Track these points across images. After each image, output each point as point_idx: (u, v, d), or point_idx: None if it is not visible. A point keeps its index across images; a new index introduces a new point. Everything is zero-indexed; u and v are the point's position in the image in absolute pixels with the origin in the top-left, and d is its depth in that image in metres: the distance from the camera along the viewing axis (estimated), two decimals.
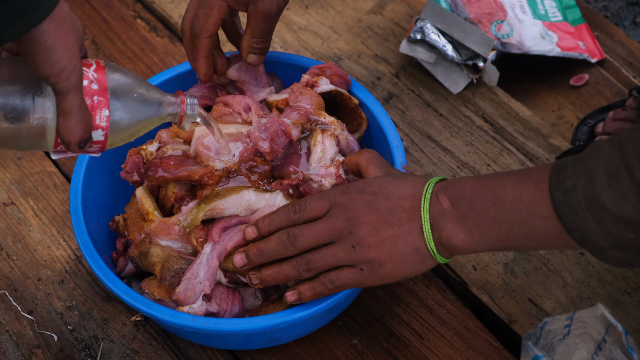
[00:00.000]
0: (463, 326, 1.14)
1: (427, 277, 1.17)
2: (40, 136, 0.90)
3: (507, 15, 1.40)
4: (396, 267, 0.96)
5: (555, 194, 0.87)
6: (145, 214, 1.08)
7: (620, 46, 1.42)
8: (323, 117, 1.11)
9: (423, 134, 1.32)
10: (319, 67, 1.17)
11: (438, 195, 0.94)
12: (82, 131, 0.89)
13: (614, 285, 1.16)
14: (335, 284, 0.98)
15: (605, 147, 0.85)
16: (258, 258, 1.00)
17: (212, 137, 1.08)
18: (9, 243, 1.22)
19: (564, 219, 0.87)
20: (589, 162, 0.85)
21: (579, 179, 0.85)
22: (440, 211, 0.94)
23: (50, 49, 0.83)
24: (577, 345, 0.90)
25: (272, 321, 1.01)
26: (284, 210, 1.00)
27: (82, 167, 1.13)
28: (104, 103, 0.91)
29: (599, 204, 0.84)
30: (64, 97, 0.87)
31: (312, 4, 1.48)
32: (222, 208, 1.03)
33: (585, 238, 0.87)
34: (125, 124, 0.94)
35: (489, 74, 1.36)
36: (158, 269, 1.05)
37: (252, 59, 1.12)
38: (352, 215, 0.96)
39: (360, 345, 1.12)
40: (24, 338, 1.14)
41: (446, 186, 0.95)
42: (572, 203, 0.86)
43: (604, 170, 0.84)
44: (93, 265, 1.05)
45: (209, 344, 1.12)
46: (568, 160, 0.88)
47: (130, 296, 1.03)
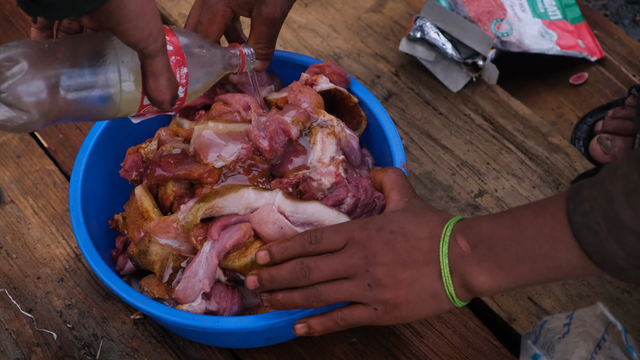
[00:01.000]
0: (462, 325, 1.14)
1: None
2: (128, 102, 0.93)
3: (506, 14, 1.40)
4: (411, 310, 0.94)
5: (573, 217, 0.85)
6: (144, 212, 1.08)
7: (619, 45, 1.42)
8: (322, 116, 1.11)
9: (422, 133, 1.32)
10: (318, 66, 1.17)
11: (456, 238, 0.92)
12: (172, 89, 0.93)
13: (614, 284, 1.16)
14: (347, 322, 0.96)
15: (622, 165, 0.83)
16: (269, 284, 0.98)
17: (212, 133, 1.08)
18: (9, 241, 1.22)
19: (583, 241, 0.85)
20: (605, 182, 0.84)
21: (597, 200, 0.84)
22: (460, 255, 0.91)
23: (140, 15, 0.86)
24: (576, 344, 0.90)
25: (272, 320, 1.00)
26: (299, 239, 0.97)
27: (81, 165, 1.13)
28: (181, 62, 0.96)
29: (619, 223, 0.82)
30: (153, 59, 0.90)
31: (312, 2, 1.48)
32: (221, 206, 1.03)
33: (605, 260, 0.85)
34: (199, 79, 1.00)
35: (489, 73, 1.36)
36: (157, 268, 1.05)
37: (257, 65, 1.12)
38: (370, 253, 0.94)
39: (360, 343, 1.12)
40: (24, 336, 1.14)
41: (464, 227, 0.93)
42: (591, 225, 0.84)
43: (622, 189, 0.82)
44: (92, 264, 1.05)
45: (209, 342, 1.12)
46: (583, 183, 0.87)
47: (130, 294, 1.03)
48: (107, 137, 1.17)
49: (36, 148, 1.31)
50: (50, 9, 0.81)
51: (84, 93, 0.90)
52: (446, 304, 0.94)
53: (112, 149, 1.17)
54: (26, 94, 0.86)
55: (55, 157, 1.32)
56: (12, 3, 1.49)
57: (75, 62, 0.89)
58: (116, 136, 1.17)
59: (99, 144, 1.16)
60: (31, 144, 1.32)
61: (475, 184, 1.27)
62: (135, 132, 1.19)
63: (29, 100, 0.86)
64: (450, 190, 1.26)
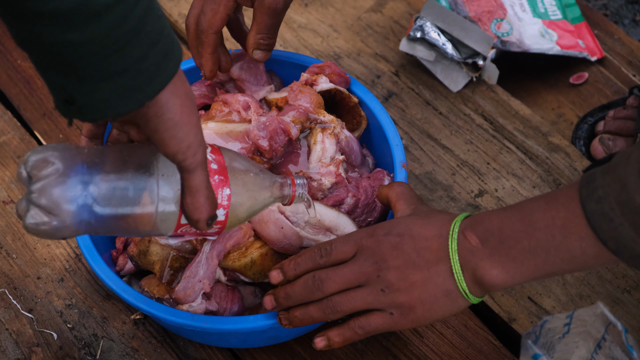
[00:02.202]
0: (463, 325, 1.14)
1: None
2: (164, 219, 0.88)
3: (506, 14, 1.40)
4: (427, 311, 0.93)
5: (587, 204, 0.85)
6: None
7: (619, 44, 1.42)
8: (322, 116, 1.11)
9: (423, 132, 1.32)
10: (318, 66, 1.17)
11: (465, 233, 0.92)
12: (210, 207, 0.87)
13: (614, 284, 1.16)
14: (365, 329, 0.96)
15: (635, 151, 0.83)
16: (285, 302, 0.98)
17: (212, 133, 1.08)
18: (9, 241, 1.22)
19: (598, 229, 0.85)
20: (618, 168, 0.84)
21: (611, 186, 0.83)
22: (469, 250, 0.91)
23: (178, 125, 0.82)
24: (576, 344, 0.90)
25: (273, 319, 1.00)
26: (309, 253, 0.97)
27: None
28: (224, 182, 0.90)
29: (634, 208, 0.82)
30: (191, 174, 0.85)
31: (312, 2, 1.48)
32: None
33: (621, 246, 0.84)
34: (243, 204, 0.93)
35: (489, 72, 1.36)
36: (157, 268, 1.05)
37: (258, 55, 1.11)
38: (379, 259, 0.94)
39: (360, 343, 1.12)
40: (24, 336, 1.14)
41: (472, 223, 0.92)
42: (605, 211, 0.84)
43: (636, 173, 0.82)
44: (93, 264, 1.05)
45: (209, 342, 1.12)
46: (596, 171, 0.86)
47: (130, 294, 1.03)
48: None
49: None
50: (85, 110, 0.78)
51: (118, 204, 0.85)
52: (461, 301, 0.93)
53: None
54: (57, 197, 0.82)
55: None
56: None
57: (112, 171, 0.85)
58: None
59: None
60: (31, 144, 1.32)
61: (476, 184, 1.27)
62: None
63: (59, 204, 0.82)
64: (451, 190, 1.26)
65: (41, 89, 1.39)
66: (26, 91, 1.39)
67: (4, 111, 1.35)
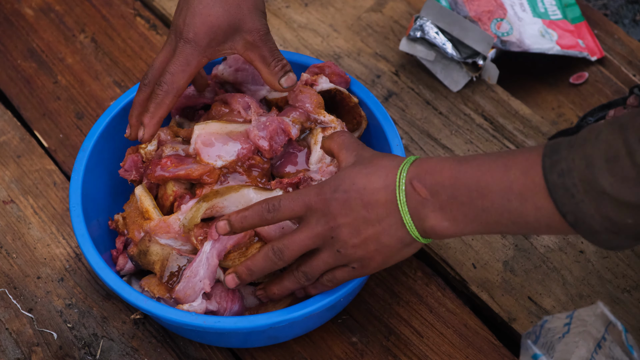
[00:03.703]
0: (462, 324, 1.14)
1: (427, 275, 1.18)
2: None
3: (506, 14, 1.40)
4: (386, 257, 0.97)
5: (549, 176, 0.86)
6: (144, 212, 1.08)
7: (620, 44, 1.42)
8: (323, 116, 1.11)
9: (423, 132, 1.32)
10: (318, 66, 1.17)
11: (413, 184, 0.92)
12: None
13: (614, 284, 1.16)
14: (334, 282, 1.00)
15: (605, 130, 0.84)
16: (249, 277, 1.00)
17: (212, 133, 1.08)
18: (9, 241, 1.22)
19: (559, 201, 0.86)
20: (586, 145, 0.84)
21: (575, 161, 0.84)
22: (419, 201, 0.92)
23: None
24: (576, 344, 0.90)
25: (273, 319, 1.01)
26: (257, 207, 0.98)
27: (82, 165, 1.13)
28: None
29: (597, 188, 0.83)
30: None
31: (312, 2, 1.48)
32: (221, 206, 1.03)
33: (579, 221, 0.86)
34: None
35: (489, 72, 1.36)
36: (158, 267, 1.05)
37: (287, 83, 1.09)
38: (330, 219, 0.95)
39: (360, 343, 1.12)
40: (24, 336, 1.14)
41: (420, 173, 0.93)
42: (567, 186, 0.85)
43: (602, 154, 0.83)
44: (92, 263, 1.05)
45: (209, 342, 1.12)
46: (561, 142, 0.87)
47: (130, 294, 1.03)
48: (107, 137, 1.17)
49: (36, 148, 1.31)
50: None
51: None
52: (416, 243, 0.96)
53: (112, 149, 1.17)
54: None
55: (55, 156, 1.32)
56: (12, 2, 1.49)
57: None
58: (116, 136, 1.17)
59: (99, 144, 1.16)
60: (31, 144, 1.32)
61: None
62: None
63: None
64: None
65: (41, 89, 1.39)
66: (26, 91, 1.39)
67: (4, 111, 1.35)
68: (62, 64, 1.41)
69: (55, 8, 1.48)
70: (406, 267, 1.18)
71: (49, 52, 1.43)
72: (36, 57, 1.42)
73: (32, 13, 1.47)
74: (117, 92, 1.37)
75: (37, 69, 1.41)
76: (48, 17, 1.47)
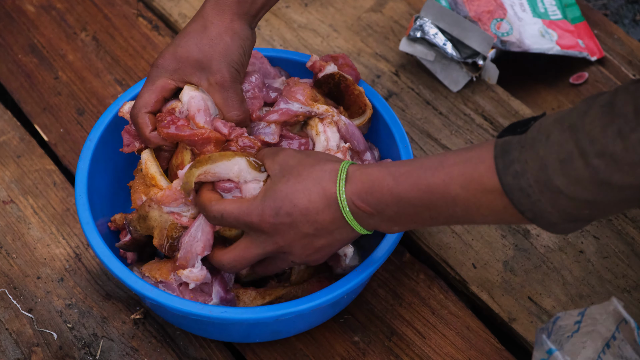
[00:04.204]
0: (465, 327, 1.14)
1: (430, 278, 1.18)
2: None
3: (506, 14, 1.40)
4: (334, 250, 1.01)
5: (504, 177, 0.87)
6: (149, 179, 1.07)
7: (619, 44, 1.42)
8: (316, 108, 1.11)
9: (423, 132, 1.32)
10: (332, 56, 1.18)
11: (356, 204, 0.95)
12: None
13: (614, 284, 1.16)
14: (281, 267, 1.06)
15: (555, 131, 0.85)
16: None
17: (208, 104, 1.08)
18: (9, 241, 1.22)
19: (516, 201, 0.87)
20: (537, 145, 0.86)
21: (528, 163, 0.86)
22: (367, 216, 0.96)
23: None
24: (583, 344, 0.90)
25: (277, 311, 1.01)
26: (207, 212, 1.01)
27: (88, 154, 1.14)
28: None
29: (552, 188, 0.85)
30: None
31: (312, 2, 1.48)
32: (214, 172, 1.02)
33: (538, 217, 0.88)
34: None
35: (489, 72, 1.36)
36: (157, 233, 1.05)
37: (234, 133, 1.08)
38: (279, 240, 0.98)
39: (362, 342, 1.12)
40: (24, 336, 1.14)
41: (360, 192, 0.95)
42: (523, 187, 0.86)
43: (555, 156, 0.84)
44: (99, 253, 1.05)
45: (210, 334, 1.12)
46: (512, 141, 0.88)
47: (136, 283, 1.03)
48: (113, 130, 1.17)
49: (36, 148, 1.31)
50: None
51: None
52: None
53: (117, 142, 1.18)
54: None
55: (55, 150, 1.32)
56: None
57: None
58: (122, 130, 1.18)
59: (105, 136, 1.17)
60: (31, 144, 1.31)
61: None
62: None
63: None
64: None
65: (42, 84, 1.39)
66: (27, 85, 1.39)
67: (4, 111, 1.35)
68: (63, 61, 1.41)
69: (57, 6, 1.48)
70: (409, 269, 1.18)
71: (50, 49, 1.43)
72: (37, 52, 1.42)
73: (33, 10, 1.47)
74: (118, 90, 1.37)
75: (38, 64, 1.41)
76: (49, 14, 1.47)
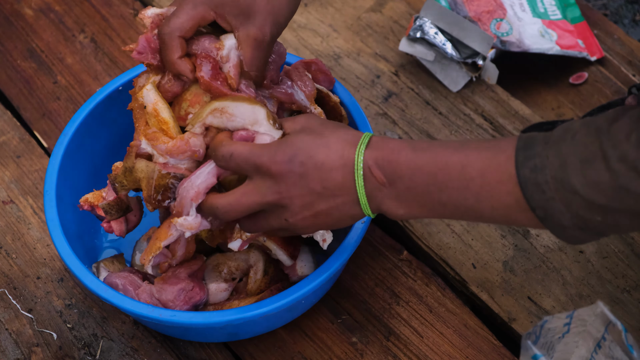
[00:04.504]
0: (462, 324, 1.14)
1: (427, 275, 1.18)
2: None
3: (506, 14, 1.40)
4: (329, 227, 0.97)
5: (521, 170, 0.87)
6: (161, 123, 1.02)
7: (619, 44, 1.42)
8: (314, 107, 1.11)
9: (422, 132, 1.32)
10: (305, 62, 1.17)
11: (372, 170, 0.93)
12: None
13: (614, 284, 1.16)
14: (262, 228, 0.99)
15: (581, 131, 0.85)
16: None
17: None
18: (9, 241, 1.22)
19: (529, 196, 0.86)
20: (561, 143, 0.85)
21: (549, 159, 0.85)
22: (376, 187, 0.93)
23: None
24: (576, 344, 0.90)
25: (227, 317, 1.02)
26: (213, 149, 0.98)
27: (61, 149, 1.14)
28: None
29: (569, 187, 0.84)
30: None
31: (312, 2, 1.48)
32: (231, 113, 0.99)
33: (549, 216, 0.87)
34: None
35: (489, 72, 1.36)
36: (144, 185, 1.00)
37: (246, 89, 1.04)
38: (283, 189, 0.94)
39: (360, 343, 1.12)
40: (24, 336, 1.14)
41: (378, 159, 0.93)
42: (539, 182, 0.85)
43: (578, 155, 0.84)
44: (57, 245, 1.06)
45: (204, 339, 1.12)
46: (536, 137, 0.87)
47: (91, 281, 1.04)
48: (91, 123, 1.18)
49: (36, 148, 1.31)
50: None
51: None
52: (362, 218, 0.98)
53: (94, 135, 1.18)
54: None
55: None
56: (12, 3, 1.49)
57: None
58: (100, 122, 1.19)
59: (81, 129, 1.17)
60: (31, 144, 1.32)
61: None
62: (117, 125, 1.21)
63: None
64: None
65: (41, 89, 1.39)
66: (26, 91, 1.39)
67: (4, 111, 1.35)
68: (61, 64, 1.41)
69: (55, 8, 1.48)
70: (406, 267, 1.18)
71: (49, 52, 1.43)
72: (36, 57, 1.42)
73: (31, 13, 1.47)
74: None
75: (37, 69, 1.41)
76: (48, 17, 1.47)
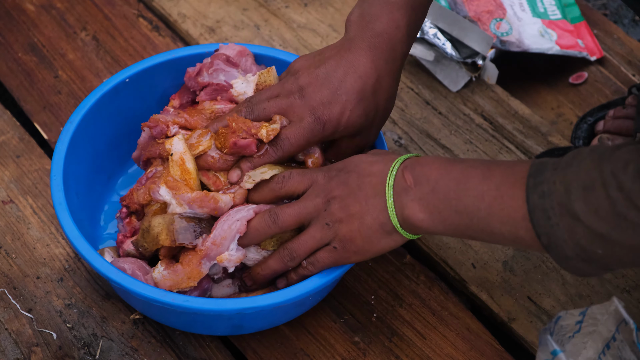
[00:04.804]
0: (465, 328, 1.14)
1: (430, 279, 1.18)
2: None
3: (506, 14, 1.40)
4: (366, 243, 0.99)
5: (531, 195, 0.87)
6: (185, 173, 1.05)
7: (619, 44, 1.42)
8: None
9: (422, 132, 1.32)
10: None
11: (404, 172, 0.96)
12: None
13: (613, 284, 1.17)
14: (315, 265, 1.02)
15: (587, 158, 0.85)
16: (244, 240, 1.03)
17: None
18: (8, 241, 1.22)
19: (535, 222, 0.87)
20: (567, 170, 0.86)
21: (556, 184, 0.86)
22: (403, 188, 0.96)
23: None
24: (584, 345, 0.90)
25: (240, 305, 1.01)
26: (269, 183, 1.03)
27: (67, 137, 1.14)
28: None
29: (572, 214, 0.85)
30: None
31: (312, 2, 1.47)
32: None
33: (552, 244, 0.87)
34: None
35: (488, 72, 1.36)
36: (164, 236, 1.03)
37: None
38: (328, 192, 0.99)
39: (363, 343, 1.12)
40: (23, 336, 1.14)
41: (413, 163, 0.97)
42: (546, 208, 0.86)
43: (581, 181, 0.84)
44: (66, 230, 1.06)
45: (201, 330, 1.11)
46: (547, 163, 0.88)
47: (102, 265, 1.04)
48: (96, 114, 1.18)
49: (36, 148, 1.31)
50: None
51: None
52: (396, 235, 0.98)
53: (98, 125, 1.18)
54: None
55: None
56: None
57: None
58: (104, 113, 1.18)
59: (86, 118, 1.16)
60: (31, 144, 1.31)
61: None
62: (125, 111, 1.21)
63: None
64: None
65: (42, 82, 1.39)
66: (27, 83, 1.39)
67: (4, 111, 1.35)
68: (63, 60, 1.41)
69: (57, 5, 1.48)
70: (409, 270, 1.18)
71: (50, 48, 1.43)
72: (37, 51, 1.42)
73: (33, 9, 1.47)
74: None
75: (38, 62, 1.41)
76: (49, 13, 1.47)
